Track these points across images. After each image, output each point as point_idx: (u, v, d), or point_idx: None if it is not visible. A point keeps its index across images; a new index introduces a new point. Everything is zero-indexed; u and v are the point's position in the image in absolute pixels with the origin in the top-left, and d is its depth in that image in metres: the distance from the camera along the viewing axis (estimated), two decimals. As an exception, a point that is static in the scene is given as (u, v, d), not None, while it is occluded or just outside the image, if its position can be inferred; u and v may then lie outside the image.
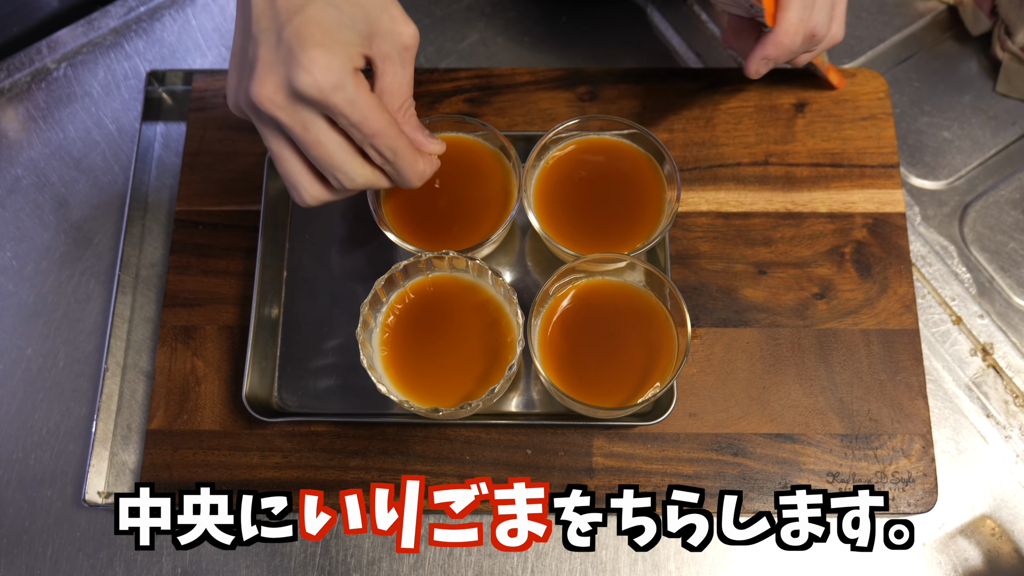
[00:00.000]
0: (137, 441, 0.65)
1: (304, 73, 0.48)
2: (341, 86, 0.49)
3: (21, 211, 0.73)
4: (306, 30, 0.49)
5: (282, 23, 0.49)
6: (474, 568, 0.63)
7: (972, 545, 0.64)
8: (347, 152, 0.53)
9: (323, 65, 0.49)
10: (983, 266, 0.71)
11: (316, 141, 0.51)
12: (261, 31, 0.50)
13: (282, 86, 0.49)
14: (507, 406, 0.65)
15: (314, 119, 0.51)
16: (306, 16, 0.49)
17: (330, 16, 0.50)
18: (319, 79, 0.49)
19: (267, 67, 0.49)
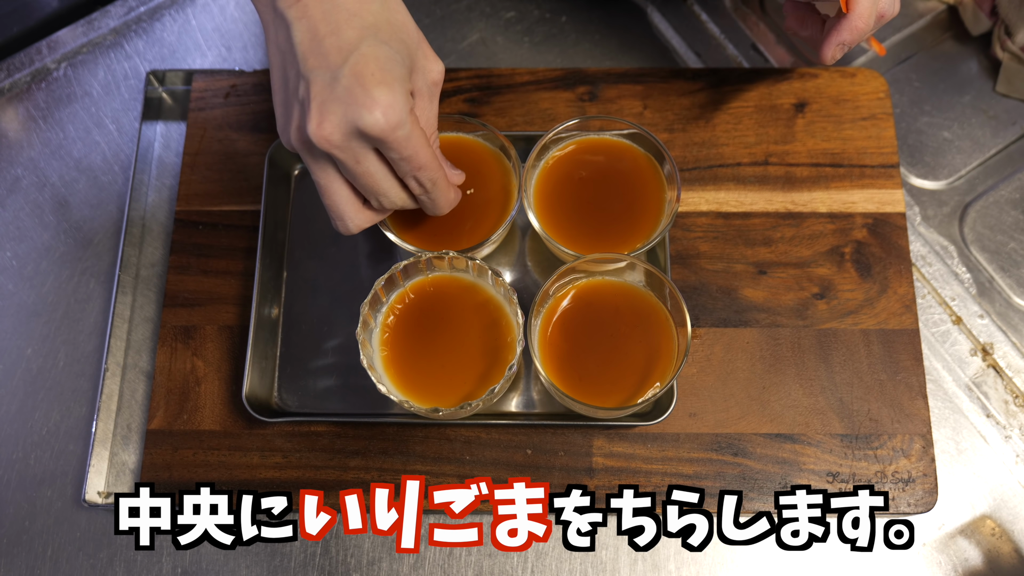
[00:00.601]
0: (137, 441, 0.66)
1: (369, 112, 0.50)
2: (402, 124, 0.51)
3: (21, 211, 0.73)
4: (365, 69, 0.50)
5: (336, 63, 0.50)
6: (474, 568, 0.63)
7: (972, 545, 0.64)
8: (391, 179, 0.55)
9: (387, 104, 0.50)
10: (983, 266, 0.71)
11: (367, 172, 0.53)
12: (312, 70, 0.51)
13: (341, 124, 0.50)
14: (507, 406, 0.65)
15: (366, 152, 0.52)
16: (363, 55, 0.50)
17: (384, 53, 0.51)
18: (385, 118, 0.50)
19: (325, 106, 0.50)
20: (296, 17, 0.51)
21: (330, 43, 0.51)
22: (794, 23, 0.67)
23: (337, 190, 0.55)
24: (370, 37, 0.51)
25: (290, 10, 0.52)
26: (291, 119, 0.53)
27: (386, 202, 0.56)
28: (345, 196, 0.55)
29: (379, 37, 0.51)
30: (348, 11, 0.51)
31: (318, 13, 0.51)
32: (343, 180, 0.55)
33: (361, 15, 0.51)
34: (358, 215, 0.56)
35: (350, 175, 0.54)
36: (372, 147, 0.52)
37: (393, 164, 0.54)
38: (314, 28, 0.51)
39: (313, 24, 0.51)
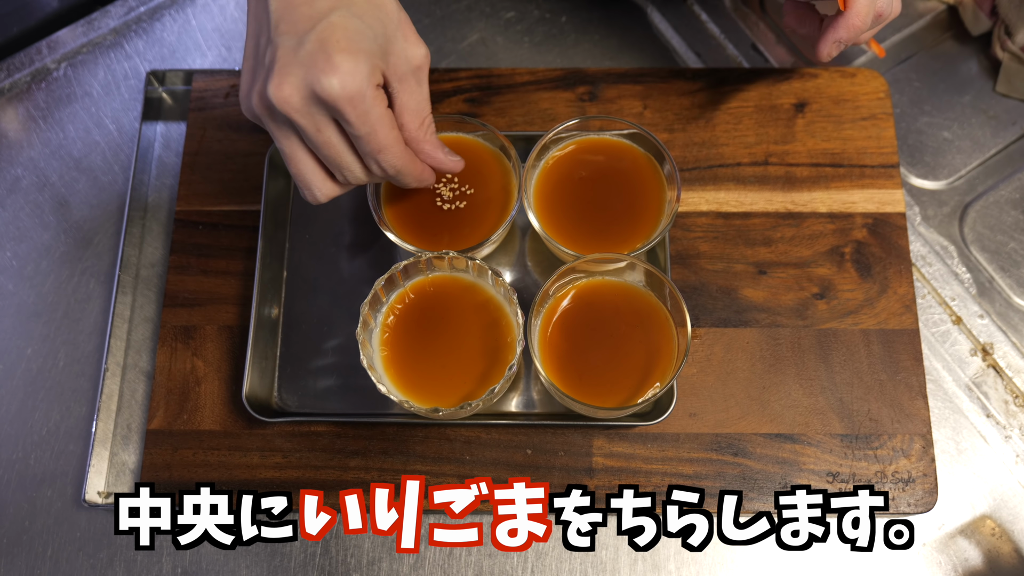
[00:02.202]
0: (137, 441, 0.65)
1: (327, 77, 0.49)
2: (361, 95, 0.50)
3: (21, 211, 0.73)
4: (331, 36, 0.50)
5: (305, 28, 0.50)
6: (474, 568, 0.63)
7: (972, 545, 0.64)
8: (353, 153, 0.54)
9: (347, 71, 0.49)
10: (983, 266, 0.71)
11: (327, 142, 0.53)
12: (280, 35, 0.50)
13: (300, 87, 0.50)
14: (507, 406, 0.65)
15: (326, 121, 0.52)
16: (331, 23, 0.50)
17: (354, 25, 0.50)
18: (342, 85, 0.49)
19: (286, 69, 0.50)
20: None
21: (302, 11, 0.50)
22: (793, 21, 0.67)
23: (302, 159, 0.55)
24: (343, 8, 0.51)
25: None
26: (255, 84, 0.52)
27: (350, 176, 0.55)
28: (310, 166, 0.55)
29: (352, 10, 0.51)
30: None
31: None
32: (307, 149, 0.54)
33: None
34: (324, 184, 0.56)
35: (312, 144, 0.53)
36: (332, 117, 0.52)
37: (354, 142, 0.53)
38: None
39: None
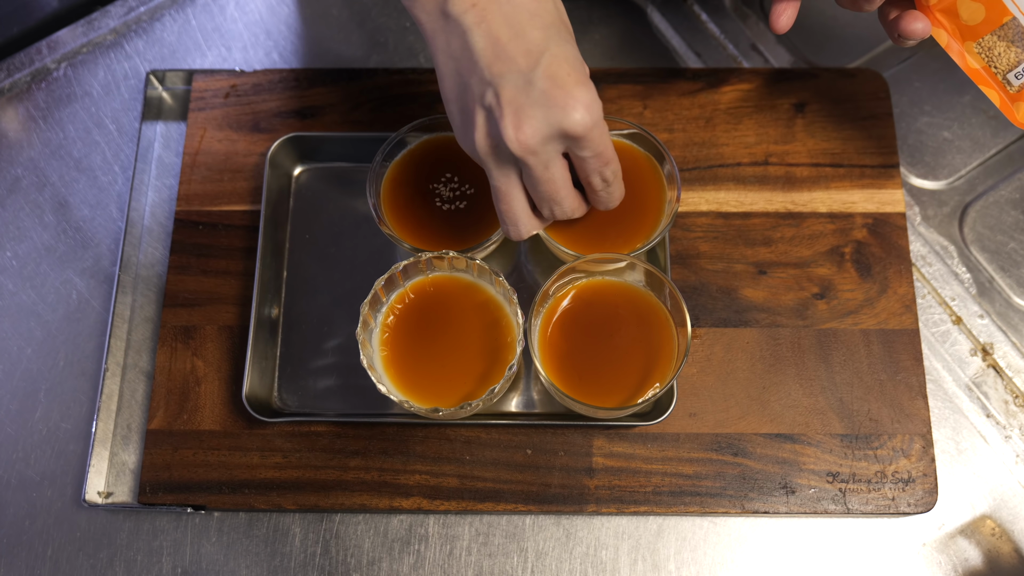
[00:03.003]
0: (137, 441, 0.66)
1: (574, 112, 0.49)
2: (600, 121, 0.51)
3: (21, 211, 0.73)
4: (559, 70, 0.49)
5: (527, 66, 0.49)
6: (474, 568, 0.63)
7: (972, 545, 0.64)
8: (568, 186, 0.55)
9: (588, 102, 0.50)
10: (983, 266, 0.71)
11: (551, 179, 0.53)
12: (500, 75, 0.50)
13: (542, 128, 0.50)
14: (507, 406, 0.65)
15: (557, 156, 0.52)
16: (554, 55, 0.50)
17: (571, 52, 0.51)
18: (590, 116, 0.50)
19: (523, 111, 0.49)
20: (474, 23, 0.50)
21: (515, 47, 0.50)
22: None
23: (515, 196, 0.55)
24: (554, 36, 0.50)
25: (466, 15, 0.50)
26: (474, 126, 0.52)
27: (558, 211, 0.56)
28: (522, 203, 0.55)
29: (561, 36, 0.51)
30: (528, 11, 0.50)
31: (497, 17, 0.50)
32: (522, 186, 0.55)
33: (541, 14, 0.50)
34: (530, 220, 0.56)
35: (532, 182, 0.53)
36: (563, 151, 0.52)
37: (582, 162, 0.53)
38: (495, 33, 0.50)
39: (493, 28, 0.50)
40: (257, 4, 0.79)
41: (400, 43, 0.78)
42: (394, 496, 0.63)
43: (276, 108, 0.73)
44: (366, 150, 0.69)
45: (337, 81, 0.74)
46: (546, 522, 0.64)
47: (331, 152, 0.72)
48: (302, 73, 0.74)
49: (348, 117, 0.73)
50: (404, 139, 0.66)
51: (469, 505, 0.63)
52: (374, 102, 0.73)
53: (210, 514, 0.64)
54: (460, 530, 0.64)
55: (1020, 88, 0.57)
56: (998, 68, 0.57)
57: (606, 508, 0.63)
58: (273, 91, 0.74)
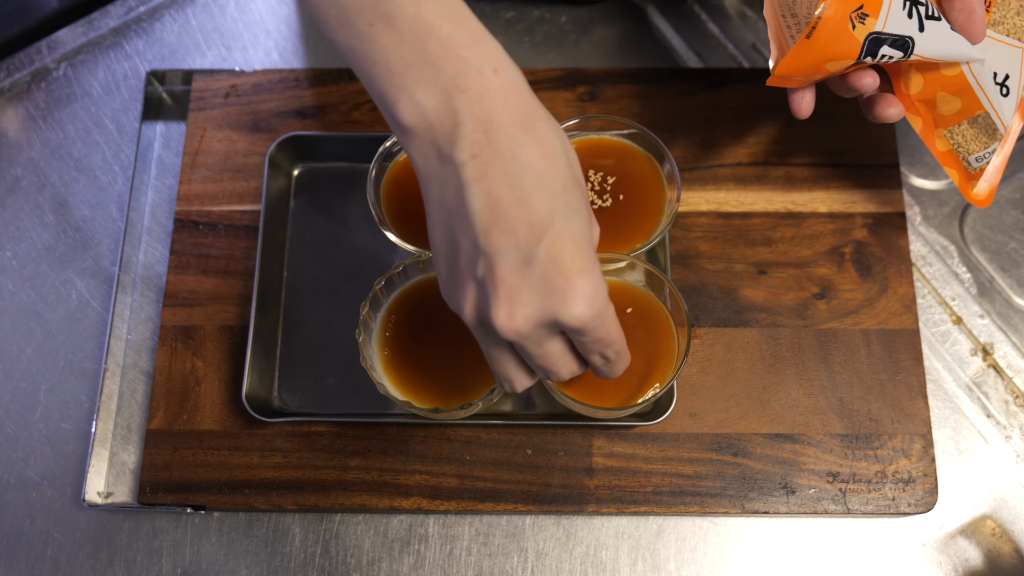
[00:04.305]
0: (137, 441, 0.65)
1: (573, 306, 0.44)
2: (602, 311, 0.46)
3: (21, 211, 0.73)
4: (563, 253, 0.44)
5: (528, 242, 0.44)
6: (474, 568, 0.63)
7: (972, 545, 0.64)
8: (567, 356, 0.49)
9: (590, 295, 0.44)
10: (983, 266, 0.71)
11: (546, 355, 0.48)
12: (497, 248, 0.44)
13: (536, 316, 0.45)
14: (507, 406, 0.65)
15: (552, 338, 0.47)
16: (559, 234, 0.44)
17: (578, 229, 0.45)
18: (589, 310, 0.45)
19: (517, 295, 0.44)
20: (473, 177, 0.44)
21: (517, 216, 0.44)
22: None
23: (507, 361, 0.49)
24: (562, 208, 0.44)
25: (465, 167, 0.44)
26: (463, 295, 0.46)
27: (555, 376, 0.50)
28: (514, 366, 0.50)
29: (571, 205, 0.45)
30: (536, 174, 0.44)
31: (500, 174, 0.44)
32: (516, 356, 0.49)
33: (550, 178, 0.44)
34: (525, 379, 0.51)
35: (526, 356, 0.48)
36: (559, 332, 0.47)
37: (581, 345, 0.48)
38: (495, 194, 0.44)
39: (493, 188, 0.44)
40: (257, 4, 0.79)
41: (400, 43, 0.78)
42: (394, 496, 0.63)
43: (276, 108, 0.73)
44: (366, 150, 0.69)
45: (337, 81, 0.74)
46: (546, 522, 0.64)
47: (331, 152, 0.72)
48: (302, 73, 0.74)
49: (348, 117, 0.73)
50: (404, 139, 0.66)
51: (469, 505, 0.63)
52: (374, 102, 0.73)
53: (210, 514, 0.64)
54: (460, 530, 0.64)
55: (978, 170, 0.61)
56: (962, 152, 0.61)
57: (606, 508, 0.63)
58: (273, 91, 0.74)
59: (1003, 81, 0.59)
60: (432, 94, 0.45)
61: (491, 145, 0.44)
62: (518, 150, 0.44)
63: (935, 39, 0.54)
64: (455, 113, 0.44)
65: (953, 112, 0.59)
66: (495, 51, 0.46)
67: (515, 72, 0.46)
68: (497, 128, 0.44)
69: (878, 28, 0.52)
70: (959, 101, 0.59)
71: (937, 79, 0.58)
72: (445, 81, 0.45)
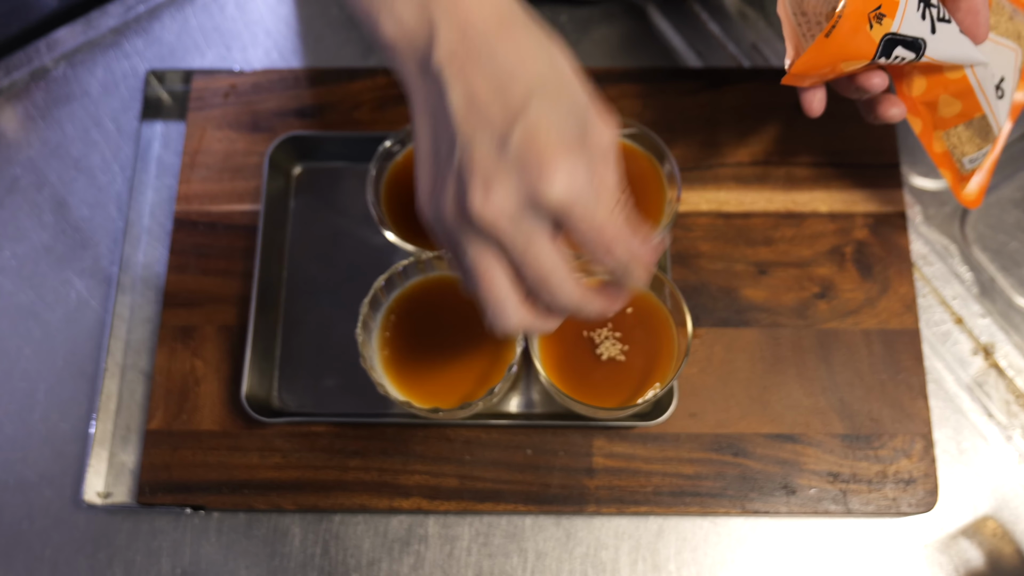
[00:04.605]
0: (136, 441, 0.65)
1: (550, 182, 0.42)
2: (587, 191, 0.43)
3: (20, 211, 0.73)
4: (539, 135, 0.43)
5: (502, 126, 0.43)
6: (474, 568, 0.63)
7: (973, 546, 0.64)
8: (562, 269, 0.45)
9: (569, 170, 0.43)
10: (984, 266, 0.71)
11: (534, 257, 0.44)
12: (473, 136, 0.44)
13: (514, 197, 0.43)
14: (507, 406, 0.65)
15: (540, 232, 0.44)
16: (533, 119, 0.43)
17: (556, 116, 0.44)
18: (569, 186, 0.43)
19: (493, 178, 0.43)
20: (451, 77, 0.44)
21: (493, 105, 0.44)
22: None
23: (497, 276, 0.45)
24: (538, 98, 0.44)
25: (445, 70, 0.44)
26: (443, 192, 0.45)
27: (558, 298, 0.45)
28: (506, 285, 0.45)
29: (549, 96, 0.44)
30: (511, 71, 0.44)
31: (476, 71, 0.44)
32: (504, 267, 0.45)
33: (527, 69, 0.45)
34: (519, 309, 0.46)
35: (518, 260, 0.45)
36: (548, 226, 0.44)
37: (579, 240, 0.45)
38: (472, 89, 0.44)
39: (472, 85, 0.44)
40: (257, 4, 0.79)
41: (400, 43, 0.78)
42: (394, 496, 0.63)
43: (276, 108, 0.73)
44: (366, 150, 0.68)
45: (337, 81, 0.74)
46: (546, 522, 0.64)
47: (331, 152, 0.72)
48: (302, 73, 0.74)
49: (348, 117, 0.73)
50: (404, 139, 0.66)
51: (469, 505, 0.63)
52: (374, 102, 0.73)
53: (209, 514, 0.64)
54: (460, 530, 0.64)
55: (970, 171, 0.63)
56: (957, 154, 0.62)
57: (606, 508, 0.62)
58: (273, 91, 0.74)
59: (999, 83, 0.60)
60: (410, 7, 0.46)
61: (467, 46, 0.45)
62: (494, 49, 0.45)
63: (945, 41, 0.55)
64: (431, 23, 0.45)
65: (953, 114, 0.60)
66: None
67: None
68: (472, 30, 0.45)
69: (894, 29, 0.52)
70: (960, 103, 0.59)
71: (940, 81, 0.58)
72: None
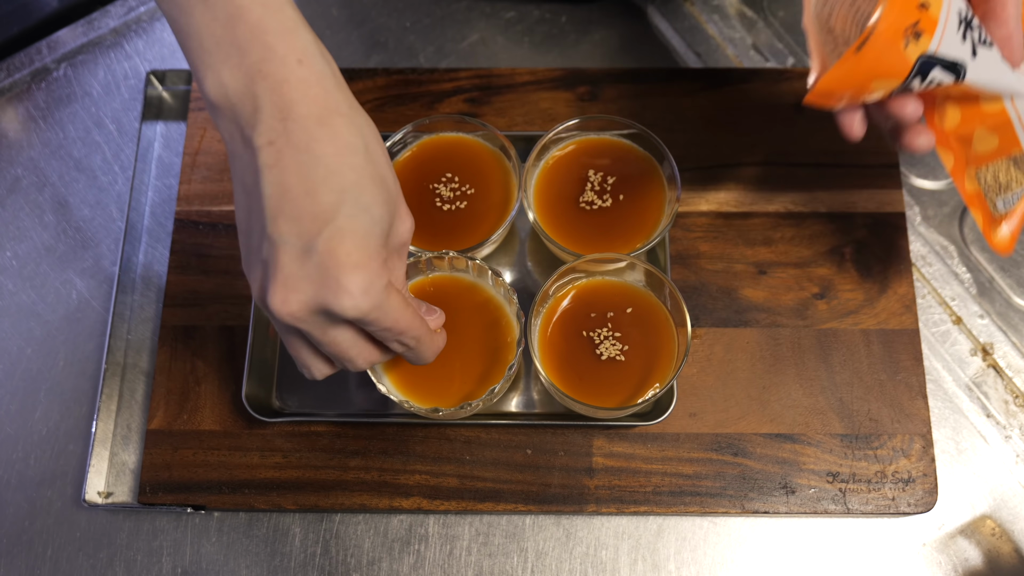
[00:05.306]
0: (137, 441, 0.65)
1: (344, 298, 0.45)
2: (379, 304, 0.46)
3: (21, 211, 0.73)
4: (341, 248, 0.44)
5: (309, 233, 0.44)
6: (474, 568, 0.63)
7: (972, 545, 0.64)
8: (360, 344, 0.50)
9: (362, 289, 0.45)
10: (983, 266, 0.71)
11: (333, 342, 0.48)
12: (280, 235, 0.45)
13: (308, 304, 0.45)
14: (507, 406, 0.65)
15: (334, 325, 0.48)
16: (339, 228, 0.45)
17: (362, 225, 0.45)
18: (360, 304, 0.45)
19: (291, 282, 0.45)
20: (267, 163, 0.45)
21: (304, 206, 0.44)
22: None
23: (299, 346, 0.50)
24: (349, 203, 0.45)
25: (262, 151, 0.45)
26: (252, 275, 0.47)
27: (352, 366, 0.51)
28: (308, 352, 0.50)
29: (360, 202, 0.45)
30: (327, 168, 0.45)
31: (293, 164, 0.44)
32: (305, 341, 0.50)
33: (341, 173, 0.45)
34: (322, 367, 0.52)
35: (315, 343, 0.49)
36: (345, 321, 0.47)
37: (373, 333, 0.49)
38: (286, 183, 0.44)
39: (285, 177, 0.44)
40: (257, 4, 0.79)
41: (400, 43, 0.78)
42: (394, 496, 0.63)
43: (276, 108, 0.73)
44: (366, 150, 0.68)
45: (337, 81, 0.74)
46: (546, 522, 0.64)
47: (331, 152, 0.71)
48: (302, 73, 0.74)
49: (348, 117, 0.73)
50: (404, 139, 0.66)
51: (469, 505, 0.63)
52: (374, 102, 0.73)
53: (210, 514, 0.64)
54: (460, 530, 0.64)
55: (1004, 214, 0.58)
56: (990, 195, 0.58)
57: (606, 508, 0.63)
58: (273, 91, 0.74)
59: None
60: (236, 76, 0.45)
61: (287, 134, 0.45)
62: (312, 142, 0.45)
63: (986, 67, 0.51)
64: (255, 98, 0.45)
65: (989, 151, 0.56)
66: (304, 42, 0.46)
67: (323, 65, 0.47)
68: (294, 118, 0.45)
69: (931, 49, 0.48)
70: (996, 139, 0.55)
71: (976, 114, 0.54)
72: (249, 65, 0.45)
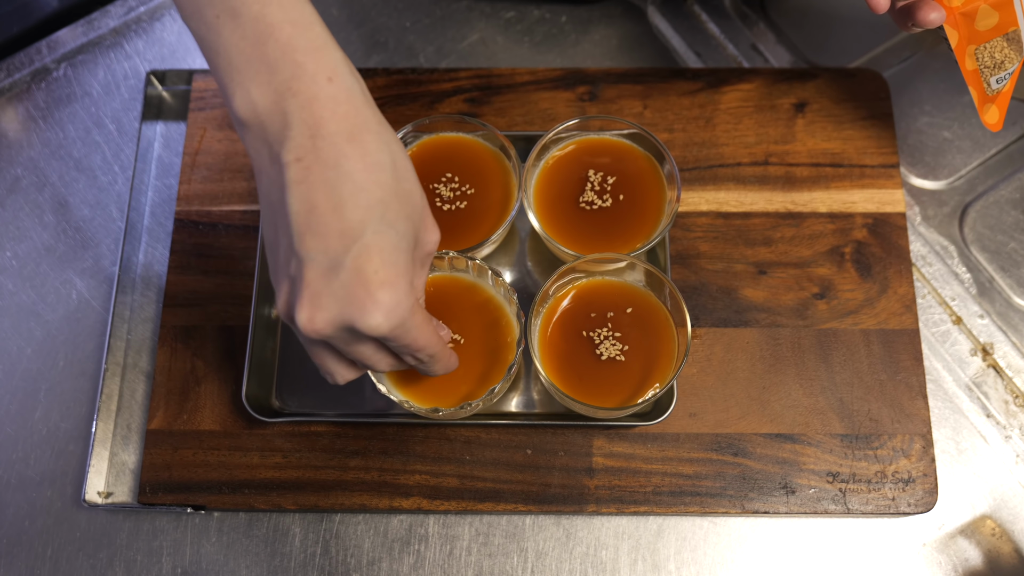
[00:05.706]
0: (137, 441, 0.65)
1: (370, 316, 0.45)
2: (404, 322, 0.47)
3: (21, 211, 0.73)
4: (368, 265, 0.45)
5: (337, 250, 0.45)
6: (474, 568, 0.63)
7: (972, 545, 0.64)
8: (382, 353, 0.51)
9: (389, 307, 0.46)
10: (983, 266, 0.71)
11: (356, 352, 0.49)
12: (308, 251, 0.45)
13: (335, 321, 0.46)
14: (507, 406, 0.65)
15: (360, 340, 0.48)
16: (367, 246, 0.45)
17: (390, 242, 0.46)
18: (387, 321, 0.46)
19: (318, 299, 0.46)
20: (295, 180, 0.45)
21: (331, 223, 0.45)
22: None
23: (323, 355, 0.51)
24: (376, 220, 0.45)
25: (290, 168, 0.45)
26: (279, 290, 0.48)
27: (373, 370, 0.52)
28: (332, 359, 0.51)
29: (386, 218, 0.46)
30: (355, 184, 0.45)
31: (320, 181, 0.45)
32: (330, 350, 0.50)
33: (368, 189, 0.45)
34: (348, 371, 0.52)
35: (340, 352, 0.50)
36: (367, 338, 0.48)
37: (392, 347, 0.50)
38: (313, 199, 0.45)
39: (313, 193, 0.45)
40: (257, 4, 0.79)
41: (400, 43, 0.78)
42: (394, 496, 0.63)
43: (276, 108, 0.73)
44: (366, 150, 0.68)
45: (337, 81, 0.74)
46: (546, 522, 0.64)
47: (331, 152, 0.71)
48: (302, 73, 0.74)
49: (348, 117, 0.73)
50: (404, 139, 0.66)
51: (469, 505, 0.63)
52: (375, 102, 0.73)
53: (210, 514, 0.64)
54: (460, 530, 0.64)
55: (995, 92, 0.62)
56: (986, 73, 0.61)
57: (606, 508, 0.63)
58: (273, 91, 0.74)
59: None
60: (266, 93, 0.46)
61: (316, 151, 0.45)
62: (341, 159, 0.45)
63: None
64: (285, 115, 0.45)
65: (989, 27, 0.59)
66: (334, 60, 0.47)
67: (352, 82, 0.47)
68: (323, 135, 0.45)
69: None
70: (997, 16, 0.59)
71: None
72: (279, 83, 0.45)
